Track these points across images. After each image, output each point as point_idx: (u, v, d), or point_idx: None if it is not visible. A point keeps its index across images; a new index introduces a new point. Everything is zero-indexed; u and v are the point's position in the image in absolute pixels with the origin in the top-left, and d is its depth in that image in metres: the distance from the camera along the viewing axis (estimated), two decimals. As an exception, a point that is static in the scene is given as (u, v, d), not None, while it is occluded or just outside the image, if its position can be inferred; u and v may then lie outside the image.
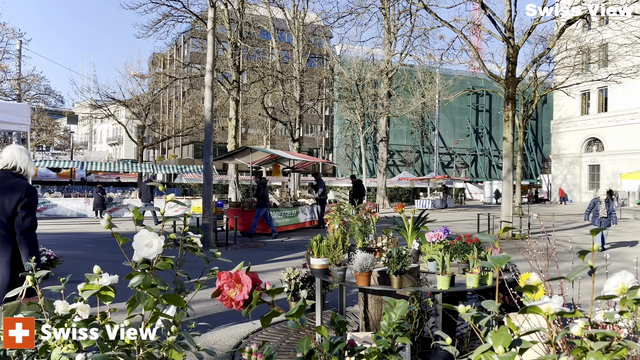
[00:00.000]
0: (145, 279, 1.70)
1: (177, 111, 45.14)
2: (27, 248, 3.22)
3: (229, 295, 1.49)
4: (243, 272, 1.53)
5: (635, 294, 1.37)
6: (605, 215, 12.01)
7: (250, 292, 1.50)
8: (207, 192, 11.69)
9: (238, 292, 1.50)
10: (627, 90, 35.77)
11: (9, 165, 3.32)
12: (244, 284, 1.50)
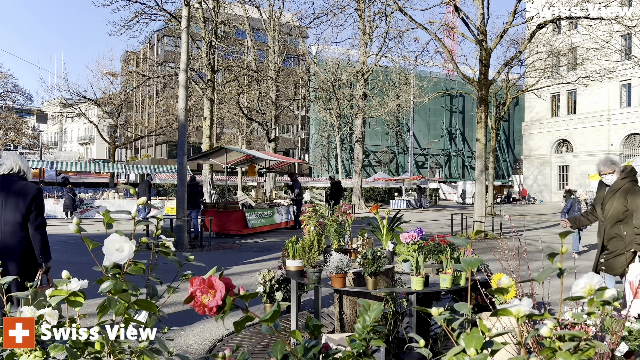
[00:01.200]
0: (116, 284, 1.66)
1: (151, 110, 44.47)
2: (40, 243, 3.58)
3: (202, 302, 1.47)
4: (216, 277, 1.52)
5: (601, 296, 1.40)
6: None
7: (224, 298, 1.49)
8: (180, 193, 11.54)
9: (211, 298, 1.48)
10: (595, 93, 36.81)
11: (14, 169, 3.66)
12: (217, 290, 1.48)
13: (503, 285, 1.39)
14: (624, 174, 4.60)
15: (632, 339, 4.03)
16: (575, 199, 11.46)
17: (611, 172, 4.59)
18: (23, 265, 3.57)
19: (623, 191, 4.46)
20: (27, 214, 3.58)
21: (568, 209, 11.51)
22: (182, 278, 1.80)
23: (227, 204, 14.34)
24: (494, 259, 5.43)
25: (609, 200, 4.56)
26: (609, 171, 4.61)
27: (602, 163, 4.69)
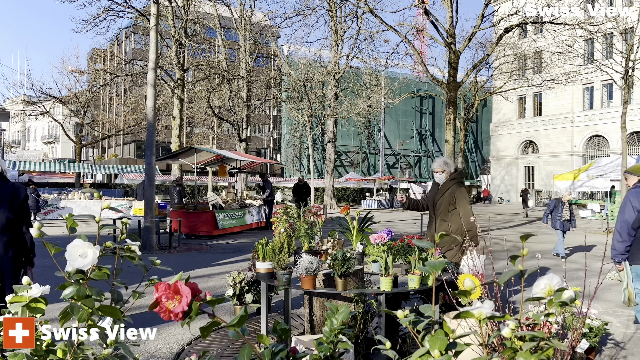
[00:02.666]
0: (79, 289, 1.63)
1: (118, 109, 43.55)
2: (30, 241, 3.79)
3: (168, 307, 1.45)
4: (182, 282, 1.50)
5: (560, 297, 1.45)
6: (567, 218, 10.74)
7: (190, 303, 1.47)
8: (149, 194, 11.35)
9: (177, 303, 1.46)
10: (559, 96, 37.90)
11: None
12: (183, 295, 1.47)
13: (466, 288, 1.43)
14: (453, 175, 5.01)
15: (593, 336, 4.18)
16: (559, 200, 10.99)
17: (442, 171, 4.98)
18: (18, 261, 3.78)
19: (451, 191, 4.88)
20: (20, 213, 3.69)
21: (551, 210, 11.00)
22: (147, 282, 1.78)
23: (197, 205, 14.17)
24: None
25: (439, 199, 4.95)
26: (440, 170, 4.99)
27: (437, 162, 5.06)
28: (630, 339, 4.97)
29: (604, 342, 4.78)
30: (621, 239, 4.48)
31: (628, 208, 4.51)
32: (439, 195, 5.03)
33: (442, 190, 5.02)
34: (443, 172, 5.04)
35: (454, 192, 4.93)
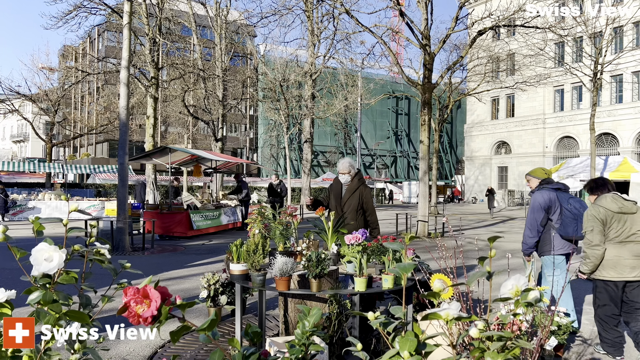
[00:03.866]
0: (46, 294, 1.59)
1: (91, 107, 42.68)
2: None
3: (136, 312, 1.44)
4: (151, 286, 1.48)
5: (526, 297, 1.48)
6: None
7: (159, 308, 1.46)
8: (121, 194, 11.16)
9: (146, 308, 1.44)
10: (531, 98, 38.72)
11: None
12: (152, 300, 1.45)
13: (435, 290, 1.45)
14: (357, 176, 5.40)
15: (561, 333, 4.28)
16: None
17: (348, 172, 5.28)
18: None
19: (359, 192, 5.28)
20: None
21: None
22: (117, 286, 1.75)
23: (172, 205, 14.00)
24: (436, 257, 5.62)
25: (348, 199, 5.28)
26: (346, 171, 5.28)
27: (343, 164, 5.34)
28: (597, 336, 5.11)
29: (572, 339, 4.90)
30: (532, 235, 5.15)
31: (537, 207, 5.15)
32: (347, 195, 5.30)
33: (351, 191, 5.30)
34: (349, 173, 5.30)
35: (363, 193, 5.31)
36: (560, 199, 5.20)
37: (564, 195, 5.24)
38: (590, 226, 4.35)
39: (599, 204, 4.41)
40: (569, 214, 5.01)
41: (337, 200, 5.35)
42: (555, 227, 5.13)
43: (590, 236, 4.34)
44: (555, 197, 5.18)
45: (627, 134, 33.79)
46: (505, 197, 38.34)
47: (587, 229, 4.38)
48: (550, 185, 5.31)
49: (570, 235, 4.98)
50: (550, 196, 5.17)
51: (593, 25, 17.98)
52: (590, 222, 4.36)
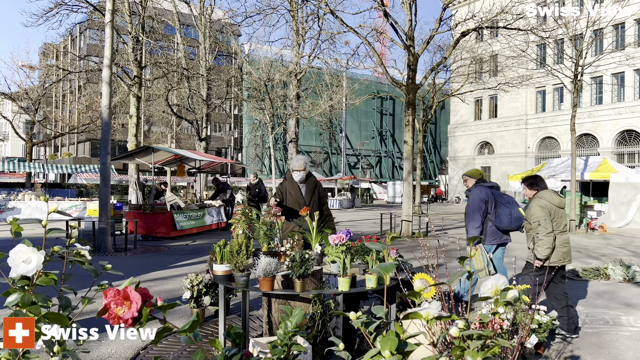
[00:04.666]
0: (24, 296, 1.58)
1: (72, 106, 42.06)
2: None
3: (117, 314, 1.42)
4: (132, 288, 1.47)
5: (505, 297, 1.51)
6: None
7: (140, 309, 1.45)
8: (103, 194, 11.02)
9: (126, 309, 1.43)
10: (514, 99, 39.19)
11: None
12: (133, 301, 1.44)
13: (416, 289, 1.46)
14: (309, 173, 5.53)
15: (542, 331, 4.34)
16: None
17: (303, 169, 5.36)
18: None
19: (317, 188, 5.48)
20: None
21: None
22: (98, 288, 1.73)
23: (155, 205, 13.87)
24: (420, 257, 5.64)
25: (311, 196, 5.40)
26: (302, 168, 5.36)
27: (300, 161, 5.40)
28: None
29: (553, 337, 4.97)
30: (477, 226, 5.73)
31: (477, 202, 5.76)
32: (309, 194, 5.38)
33: (310, 189, 5.40)
34: (304, 170, 5.36)
35: (320, 189, 5.49)
36: (495, 195, 5.85)
37: (498, 192, 5.92)
38: (543, 216, 4.86)
39: (544, 197, 4.96)
40: (505, 208, 5.68)
41: (299, 199, 5.32)
42: (492, 219, 5.77)
43: (544, 224, 4.84)
44: (490, 193, 5.83)
45: (607, 135, 34.39)
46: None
47: (540, 219, 4.87)
48: (485, 184, 6.00)
49: (505, 227, 5.69)
50: (487, 192, 5.82)
51: (574, 28, 18.27)
52: (541, 212, 4.88)
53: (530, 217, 4.97)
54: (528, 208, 5.09)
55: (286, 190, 5.39)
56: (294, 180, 5.37)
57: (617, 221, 18.83)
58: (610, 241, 14.51)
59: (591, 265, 9.28)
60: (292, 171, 5.40)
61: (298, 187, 5.38)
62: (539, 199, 4.98)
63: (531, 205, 5.02)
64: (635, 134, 33.16)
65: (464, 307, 3.45)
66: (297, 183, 5.38)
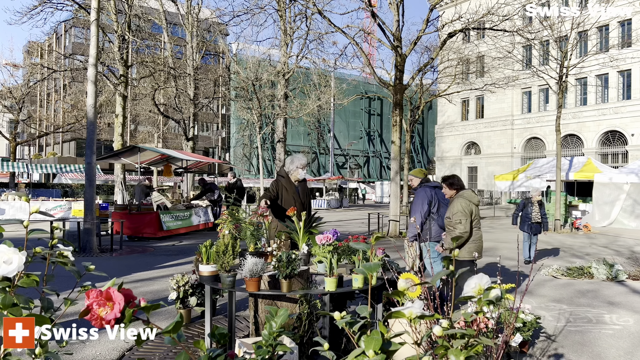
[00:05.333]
0: (5, 297, 1.56)
1: (57, 105, 41.56)
2: None
3: (99, 315, 1.41)
4: (115, 288, 1.46)
5: (488, 296, 1.52)
6: (538, 219, 9.96)
7: (123, 310, 1.44)
8: (89, 194, 10.91)
9: (109, 310, 1.42)
10: (500, 99, 39.53)
11: None
12: (116, 302, 1.43)
13: (400, 289, 1.47)
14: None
15: (526, 330, 4.38)
16: (528, 200, 10.18)
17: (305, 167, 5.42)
18: None
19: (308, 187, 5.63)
20: None
21: (521, 211, 10.23)
22: (81, 289, 1.72)
23: (141, 206, 13.76)
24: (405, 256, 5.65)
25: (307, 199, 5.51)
26: (305, 166, 5.42)
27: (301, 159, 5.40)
28: (560, 332, 5.26)
29: (537, 335, 5.03)
30: (417, 224, 5.93)
31: (422, 202, 6.01)
32: (304, 194, 5.40)
33: (304, 189, 5.45)
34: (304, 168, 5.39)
35: (309, 191, 5.59)
36: (439, 195, 6.09)
37: (441, 193, 6.10)
38: (465, 215, 5.22)
39: (465, 197, 5.33)
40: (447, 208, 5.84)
41: (295, 198, 5.28)
42: (435, 218, 6.04)
43: (465, 223, 5.22)
44: (434, 193, 6.11)
45: (591, 136, 34.85)
46: (475, 197, 39.02)
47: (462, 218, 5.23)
48: (429, 184, 6.30)
49: None
50: (431, 193, 6.09)
51: (559, 30, 18.48)
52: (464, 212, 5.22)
53: (453, 215, 5.26)
54: (451, 206, 5.41)
55: (282, 188, 5.30)
56: (292, 180, 5.31)
57: (601, 221, 19.10)
58: (594, 240, 14.71)
59: (575, 264, 9.40)
60: (296, 169, 5.30)
61: (295, 186, 5.32)
62: (462, 199, 5.31)
63: (455, 204, 5.32)
64: (618, 135, 33.66)
65: (450, 306, 3.48)
66: (294, 182, 5.31)
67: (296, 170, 5.30)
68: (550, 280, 8.20)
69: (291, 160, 5.39)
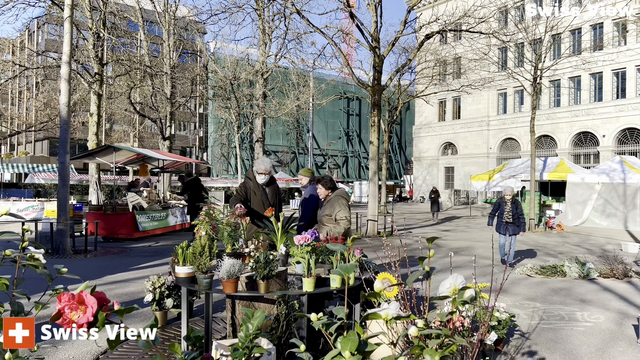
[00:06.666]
0: (-27, 302, 1.52)
1: (29, 103, 40.59)
2: None
3: (71, 319, 1.39)
4: (87, 292, 1.43)
5: (462, 296, 1.54)
6: (509, 219, 9.53)
7: (96, 314, 1.41)
8: (62, 195, 10.68)
9: (81, 314, 1.40)
10: (476, 100, 40.09)
11: None
12: (88, 306, 1.40)
13: (376, 290, 1.48)
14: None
15: (501, 328, 4.46)
16: (501, 198, 9.80)
17: (268, 173, 5.43)
18: None
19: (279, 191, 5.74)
20: None
21: (497, 210, 9.80)
22: (52, 292, 1.68)
23: (116, 206, 13.53)
24: (383, 256, 5.71)
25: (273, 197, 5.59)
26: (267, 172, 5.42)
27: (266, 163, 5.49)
28: (534, 330, 5.36)
29: (512, 333, 5.12)
30: (304, 221, 6.00)
31: (311, 199, 6.12)
32: (273, 197, 5.49)
33: (273, 192, 5.52)
34: (269, 174, 5.42)
35: (279, 193, 5.67)
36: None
37: None
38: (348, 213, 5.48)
39: (344, 196, 5.57)
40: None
41: (264, 200, 5.34)
42: None
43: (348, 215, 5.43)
44: None
45: (564, 137, 35.61)
46: (452, 197, 39.52)
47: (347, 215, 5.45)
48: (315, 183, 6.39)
49: None
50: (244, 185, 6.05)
51: (533, 32, 18.84)
52: (347, 210, 5.46)
53: (337, 212, 5.42)
54: (330, 205, 5.48)
55: (250, 191, 5.33)
56: (259, 183, 5.33)
57: (574, 220, 19.54)
58: (567, 239, 15.04)
59: (549, 263, 9.59)
60: (256, 173, 5.35)
61: (262, 188, 5.36)
62: (342, 198, 5.51)
63: (336, 202, 5.46)
64: (590, 136, 34.47)
65: (425, 307, 3.51)
66: (261, 186, 5.34)
67: (257, 174, 5.35)
68: (524, 278, 8.35)
69: (256, 164, 5.48)
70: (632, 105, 31.89)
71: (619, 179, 18.67)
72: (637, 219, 18.25)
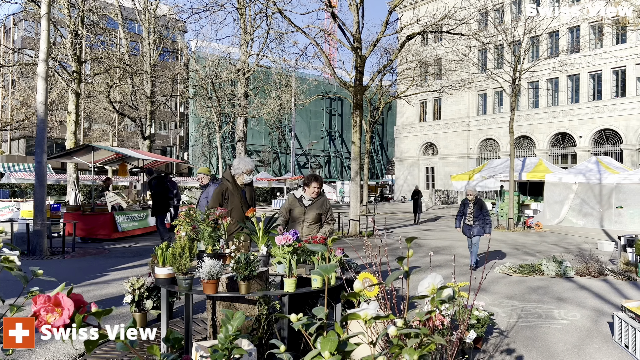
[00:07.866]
0: (-55, 305, 1.49)
1: (5, 102, 39.72)
2: None
3: (47, 321, 1.37)
4: (64, 294, 1.41)
5: (440, 295, 1.56)
6: (469, 222, 9.06)
7: (72, 316, 1.39)
8: (39, 195, 10.48)
9: (57, 317, 1.38)
10: (457, 101, 40.53)
11: None
12: (65, 308, 1.39)
13: (355, 290, 1.49)
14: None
15: (480, 326, 4.51)
16: (465, 200, 9.34)
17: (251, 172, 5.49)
18: None
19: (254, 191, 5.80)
20: None
21: (464, 213, 9.27)
22: (28, 295, 1.65)
23: (95, 206, 13.33)
24: (364, 256, 5.73)
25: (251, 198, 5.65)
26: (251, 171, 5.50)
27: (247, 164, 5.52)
28: (512, 328, 5.44)
29: (490, 331, 5.19)
30: None
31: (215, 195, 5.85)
32: (251, 199, 5.55)
33: (251, 193, 5.58)
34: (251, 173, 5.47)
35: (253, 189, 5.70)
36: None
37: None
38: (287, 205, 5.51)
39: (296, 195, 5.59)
40: None
41: (243, 202, 5.36)
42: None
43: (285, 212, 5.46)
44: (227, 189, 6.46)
45: (542, 137, 36.21)
46: (433, 197, 39.87)
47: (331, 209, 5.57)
48: (218, 181, 6.90)
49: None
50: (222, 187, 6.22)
51: (512, 34, 19.12)
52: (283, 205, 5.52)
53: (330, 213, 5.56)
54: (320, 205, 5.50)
55: (229, 192, 5.31)
56: (237, 183, 5.31)
57: (552, 219, 19.88)
58: (545, 238, 15.30)
59: (527, 261, 9.75)
60: (241, 174, 5.31)
61: (241, 189, 5.34)
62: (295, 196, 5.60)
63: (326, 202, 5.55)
64: (568, 137, 35.11)
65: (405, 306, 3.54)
66: (240, 186, 5.32)
67: (242, 175, 5.33)
68: (503, 277, 8.47)
69: (238, 164, 5.42)
70: (607, 107, 32.60)
71: (595, 179, 19.06)
72: (612, 219, 18.65)
